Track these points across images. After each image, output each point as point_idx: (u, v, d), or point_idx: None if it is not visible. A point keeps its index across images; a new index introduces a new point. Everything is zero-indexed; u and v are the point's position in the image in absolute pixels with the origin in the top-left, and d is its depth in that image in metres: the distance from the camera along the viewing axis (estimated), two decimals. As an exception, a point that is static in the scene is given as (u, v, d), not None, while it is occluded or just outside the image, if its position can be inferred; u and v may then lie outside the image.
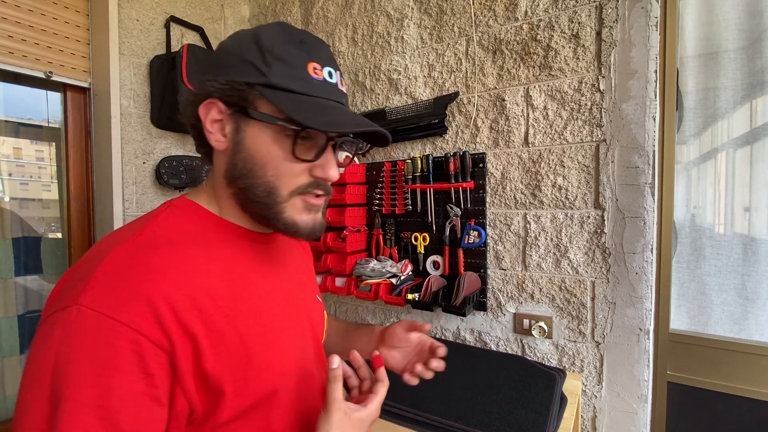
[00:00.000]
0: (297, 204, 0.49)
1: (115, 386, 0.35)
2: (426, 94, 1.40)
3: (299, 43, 0.47)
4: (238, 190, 0.49)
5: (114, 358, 0.36)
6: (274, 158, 0.47)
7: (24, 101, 1.39)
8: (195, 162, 1.59)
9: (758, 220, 1.03)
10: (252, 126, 0.47)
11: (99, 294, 0.37)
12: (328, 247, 1.42)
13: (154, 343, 0.37)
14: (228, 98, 0.46)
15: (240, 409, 0.44)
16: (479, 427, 0.85)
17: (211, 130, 0.48)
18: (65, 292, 0.39)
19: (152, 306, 0.38)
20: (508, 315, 1.26)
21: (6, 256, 1.32)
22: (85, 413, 0.34)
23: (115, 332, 0.36)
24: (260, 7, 1.88)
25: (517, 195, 1.23)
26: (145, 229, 0.45)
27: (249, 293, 0.49)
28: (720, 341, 1.06)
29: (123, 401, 0.35)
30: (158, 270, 0.41)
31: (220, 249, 0.48)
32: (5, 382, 1.32)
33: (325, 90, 0.48)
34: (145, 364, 0.37)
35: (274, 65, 0.45)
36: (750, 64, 1.02)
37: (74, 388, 0.34)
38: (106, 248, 0.42)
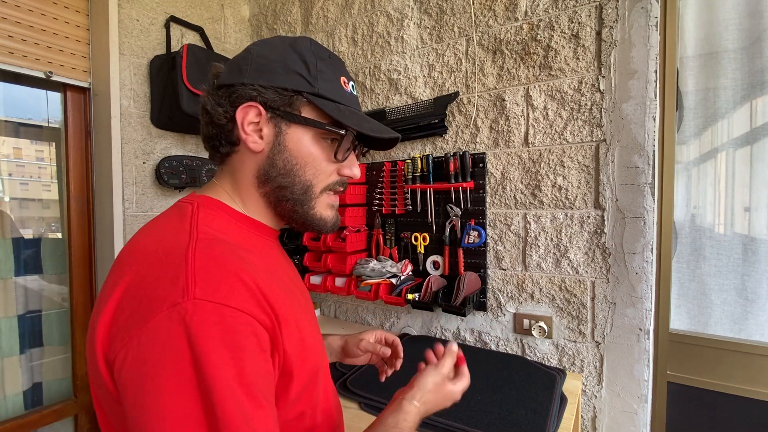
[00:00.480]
0: (324, 200, 0.56)
1: (246, 364, 0.39)
2: (426, 94, 1.40)
3: (328, 58, 0.54)
4: (273, 189, 0.53)
5: (240, 341, 0.39)
6: (315, 158, 0.53)
7: (24, 101, 1.39)
8: (195, 162, 1.59)
9: (758, 220, 1.03)
10: (294, 129, 0.52)
11: (207, 286, 0.39)
12: (328, 247, 1.42)
13: (261, 323, 0.41)
14: (271, 102, 0.50)
15: (301, 387, 0.49)
16: (479, 427, 0.85)
17: (247, 132, 0.51)
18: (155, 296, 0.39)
19: (251, 291, 0.42)
20: (508, 315, 1.26)
21: (6, 256, 1.32)
22: (234, 390, 0.37)
23: (234, 318, 0.39)
24: (260, 7, 1.88)
25: (517, 195, 1.23)
26: (198, 227, 0.47)
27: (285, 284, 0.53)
28: (720, 341, 1.06)
29: (256, 376, 0.39)
30: (239, 261, 0.44)
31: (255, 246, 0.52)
32: (5, 382, 1.32)
33: (352, 100, 0.55)
34: (260, 341, 0.41)
35: (319, 77, 0.51)
36: (750, 64, 1.02)
37: (220, 372, 0.37)
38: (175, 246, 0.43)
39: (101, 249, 1.46)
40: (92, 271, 1.48)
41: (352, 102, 0.55)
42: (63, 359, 1.46)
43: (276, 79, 0.50)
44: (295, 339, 0.47)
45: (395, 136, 0.57)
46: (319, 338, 0.57)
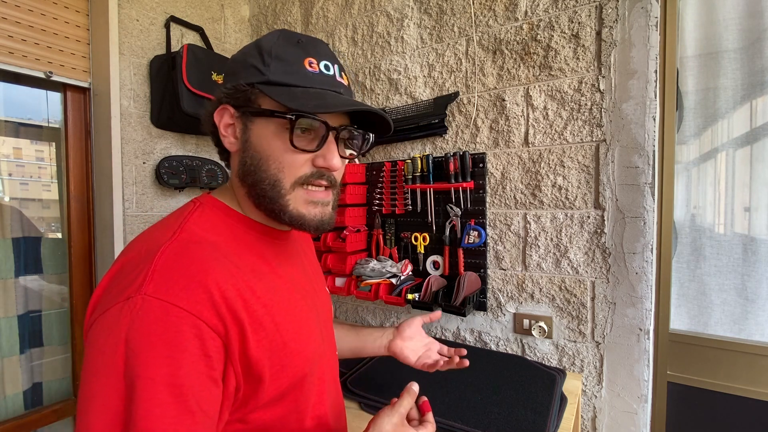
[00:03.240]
0: (301, 196, 0.51)
1: (183, 366, 0.38)
2: (426, 94, 1.40)
3: (296, 42, 0.51)
4: (249, 188, 0.52)
5: (180, 342, 0.39)
6: (275, 150, 0.50)
7: (24, 101, 1.39)
8: (195, 162, 1.59)
9: (758, 220, 1.03)
10: (256, 124, 0.50)
11: (161, 284, 0.40)
12: (328, 247, 1.42)
13: (212, 328, 0.41)
14: (236, 101, 0.50)
15: (277, 392, 0.48)
16: (479, 427, 0.85)
17: (225, 134, 0.52)
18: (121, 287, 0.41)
19: (209, 294, 0.42)
20: (508, 315, 1.26)
21: (6, 256, 1.32)
22: (159, 390, 0.37)
23: (179, 318, 0.39)
24: (260, 7, 1.88)
25: (517, 195, 1.23)
26: (185, 226, 0.48)
27: (276, 286, 0.52)
28: (720, 341, 1.06)
29: (189, 379, 0.38)
30: (208, 262, 0.44)
31: (248, 245, 0.52)
32: (5, 382, 1.32)
33: (321, 81, 0.50)
34: (205, 346, 0.40)
35: (271, 64, 0.49)
36: (750, 64, 1.02)
37: (148, 369, 0.37)
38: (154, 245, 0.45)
39: (101, 249, 1.46)
40: (92, 271, 1.48)
41: (319, 82, 0.50)
42: (63, 359, 1.46)
43: (236, 77, 0.50)
44: (270, 343, 0.46)
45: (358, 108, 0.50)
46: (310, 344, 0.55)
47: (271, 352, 0.47)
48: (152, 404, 0.36)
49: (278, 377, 0.48)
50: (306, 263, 0.66)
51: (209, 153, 1.73)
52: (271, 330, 0.47)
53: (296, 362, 0.50)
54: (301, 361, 0.51)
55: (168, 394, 0.37)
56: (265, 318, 0.46)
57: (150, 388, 0.36)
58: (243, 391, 0.45)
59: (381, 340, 0.82)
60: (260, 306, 0.46)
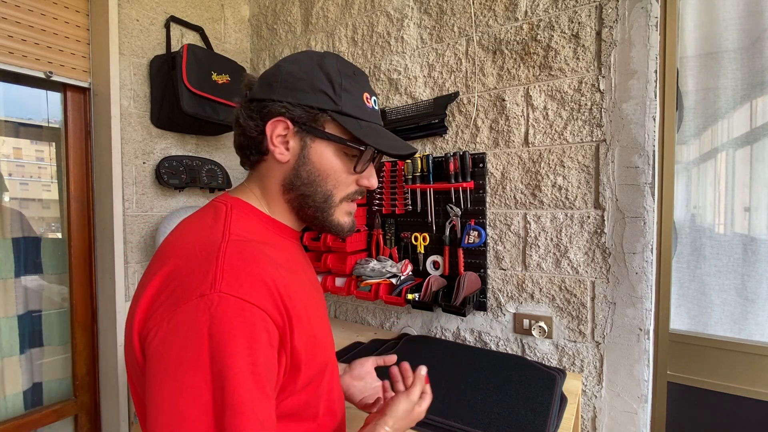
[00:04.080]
0: (343, 208, 0.60)
1: (260, 356, 0.43)
2: (426, 94, 1.40)
3: (352, 74, 0.57)
4: (297, 196, 0.58)
5: (256, 334, 0.43)
6: (336, 171, 0.58)
7: (24, 101, 1.39)
8: (195, 162, 1.59)
9: (758, 220, 1.03)
10: (318, 143, 0.56)
11: (232, 282, 0.44)
12: (328, 247, 1.42)
13: (274, 321, 0.45)
14: (298, 118, 0.55)
15: (308, 379, 0.53)
16: (479, 427, 0.85)
17: (275, 144, 0.56)
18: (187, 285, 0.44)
19: (270, 291, 0.46)
20: (508, 315, 1.26)
21: (6, 256, 1.32)
22: (246, 378, 0.41)
23: (252, 313, 0.43)
24: (260, 7, 1.88)
25: (517, 195, 1.23)
26: (230, 228, 0.52)
27: (304, 282, 0.57)
28: (720, 341, 1.06)
29: (265, 367, 0.43)
30: (263, 260, 0.48)
31: (280, 245, 0.58)
32: (5, 382, 1.32)
33: (374, 116, 0.60)
34: (271, 338, 0.45)
35: (343, 96, 0.55)
36: (750, 64, 1.02)
37: (236, 359, 0.41)
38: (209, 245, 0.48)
39: (101, 249, 1.46)
40: (92, 271, 1.48)
41: (373, 117, 0.59)
42: (63, 359, 1.46)
43: (303, 97, 0.54)
44: (306, 334, 0.51)
45: (412, 151, 0.61)
46: (328, 335, 0.61)
47: (306, 342, 0.51)
48: (243, 389, 0.40)
49: (310, 366, 0.52)
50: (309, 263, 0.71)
51: (209, 153, 1.73)
52: (306, 322, 0.51)
53: (323, 352, 0.56)
54: (326, 351, 0.57)
55: (252, 380, 0.41)
56: (302, 311, 0.50)
57: (239, 375, 0.40)
58: (285, 378, 0.49)
59: None
60: (298, 300, 0.50)
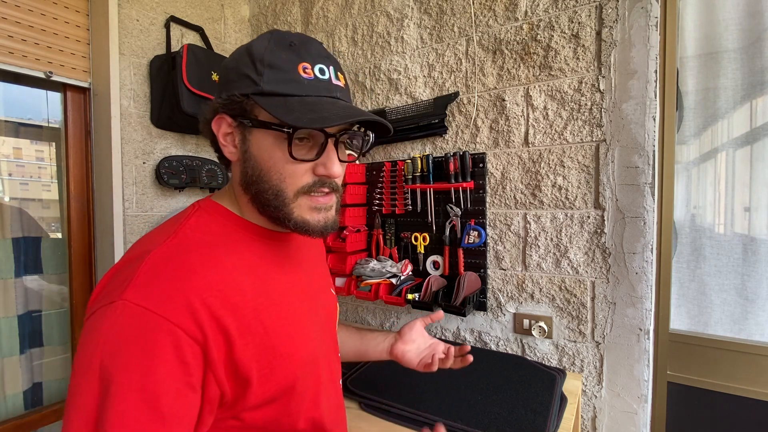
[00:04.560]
0: (304, 204, 0.52)
1: (156, 373, 0.39)
2: (426, 94, 1.40)
3: (289, 46, 0.49)
4: (253, 195, 0.52)
5: (155, 348, 0.39)
6: (276, 162, 0.50)
7: (24, 101, 1.39)
8: (195, 162, 1.59)
9: (758, 220, 1.03)
10: (255, 134, 0.50)
11: (142, 290, 0.41)
12: (328, 247, 1.42)
13: (189, 336, 0.41)
14: (232, 111, 0.50)
15: (267, 395, 0.49)
16: (479, 427, 0.85)
17: (224, 143, 0.52)
18: (110, 289, 0.43)
19: (188, 302, 0.42)
20: (508, 315, 1.26)
21: (6, 256, 1.32)
22: (130, 396, 0.38)
23: (156, 324, 0.40)
24: (260, 7, 1.88)
25: (517, 195, 1.23)
26: (179, 231, 0.49)
27: (271, 289, 0.52)
28: (720, 341, 1.06)
29: (162, 386, 0.39)
30: (193, 269, 0.45)
31: (244, 248, 0.52)
32: (5, 382, 1.32)
33: (316, 88, 0.49)
34: (181, 353, 0.40)
35: (264, 73, 0.47)
36: (750, 64, 1.02)
37: (121, 374, 0.38)
38: (145, 250, 0.46)
39: (101, 249, 1.46)
40: (92, 271, 1.48)
41: (314, 89, 0.49)
42: (63, 359, 1.46)
43: (231, 87, 0.49)
44: (257, 347, 0.47)
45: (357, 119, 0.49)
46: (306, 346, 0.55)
47: (259, 355, 0.47)
48: (123, 408, 0.37)
49: (267, 380, 0.48)
50: (310, 265, 0.66)
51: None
52: (259, 333, 0.47)
53: (286, 365, 0.50)
54: (292, 365, 0.51)
55: (139, 399, 0.38)
56: (253, 322, 0.47)
57: (122, 393, 0.37)
58: (230, 395, 0.45)
59: (383, 345, 0.82)
60: (249, 310, 0.47)
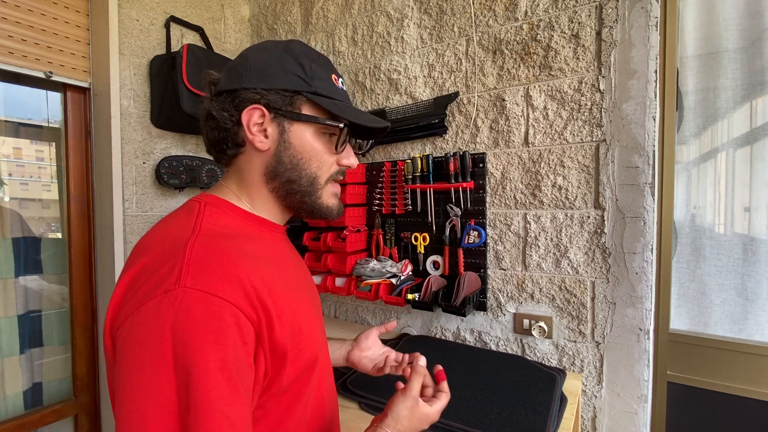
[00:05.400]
0: (329, 190, 0.60)
1: (229, 351, 0.41)
2: (426, 94, 1.40)
3: (318, 59, 0.58)
4: (282, 183, 0.57)
5: (224, 329, 0.41)
6: (318, 152, 0.57)
7: (24, 101, 1.39)
8: (195, 162, 1.59)
9: (758, 220, 1.03)
10: (296, 126, 0.56)
11: (198, 276, 0.42)
12: (328, 247, 1.42)
13: (246, 317, 0.44)
14: (273, 103, 0.54)
15: (295, 374, 0.52)
16: (479, 427, 0.85)
17: (254, 132, 0.55)
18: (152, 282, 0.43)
19: (242, 284, 0.44)
20: (508, 315, 1.26)
21: (6, 256, 1.32)
22: (214, 374, 0.39)
23: (220, 307, 0.42)
24: (260, 7, 1.88)
25: (517, 195, 1.23)
26: (202, 223, 0.51)
27: (288, 275, 0.56)
28: (720, 341, 1.06)
29: (236, 363, 0.41)
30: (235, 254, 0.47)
31: (260, 240, 0.56)
32: (5, 382, 1.32)
33: (343, 95, 0.60)
34: (243, 333, 0.43)
35: (314, 77, 0.55)
36: (750, 64, 1.02)
37: (200, 355, 0.39)
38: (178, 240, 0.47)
39: (101, 249, 1.46)
40: (92, 271, 1.48)
41: (344, 97, 0.60)
42: (63, 359, 1.46)
43: (276, 82, 0.54)
44: (290, 328, 0.50)
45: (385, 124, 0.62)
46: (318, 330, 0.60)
47: (291, 336, 0.50)
48: (210, 386, 0.39)
49: (296, 360, 0.51)
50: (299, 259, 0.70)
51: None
52: (290, 316, 0.50)
53: (310, 346, 0.54)
54: (314, 345, 0.56)
55: (222, 377, 0.40)
56: (285, 305, 0.50)
57: (205, 373, 0.39)
58: (269, 375, 0.48)
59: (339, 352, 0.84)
60: (281, 294, 0.50)
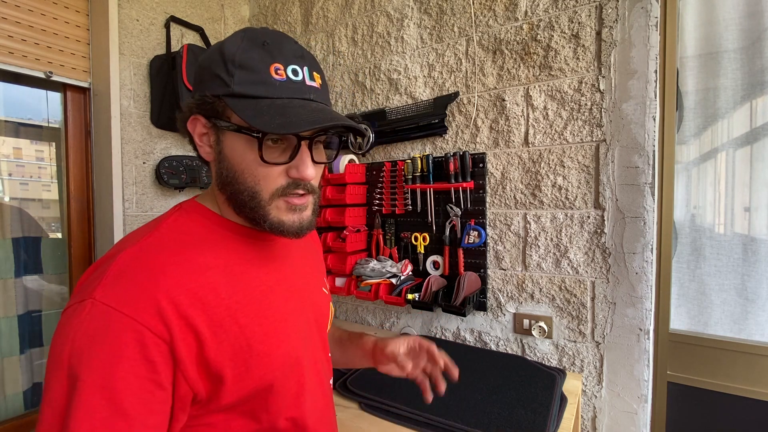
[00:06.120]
0: (280, 205, 0.51)
1: (119, 370, 0.39)
2: (426, 94, 1.40)
3: (262, 45, 0.47)
4: (229, 195, 0.52)
5: (119, 346, 0.40)
6: (250, 164, 0.49)
7: (24, 101, 1.39)
8: (195, 162, 1.59)
9: (758, 220, 1.03)
10: (228, 136, 0.49)
11: (110, 290, 0.42)
12: (328, 247, 1.42)
13: (155, 334, 0.41)
14: (205, 112, 0.49)
15: (242, 394, 0.48)
16: (479, 427, 0.85)
17: (200, 143, 0.52)
18: (83, 287, 0.44)
19: (155, 301, 0.42)
20: (508, 315, 1.26)
21: (6, 256, 1.32)
22: (93, 392, 0.38)
23: (121, 323, 0.40)
24: (260, 7, 1.88)
25: (517, 195, 1.23)
26: (155, 231, 0.49)
27: (250, 287, 0.52)
28: (720, 341, 1.06)
29: (125, 384, 0.39)
30: (162, 269, 0.45)
31: (222, 247, 0.52)
32: (5, 382, 1.32)
33: (288, 89, 0.47)
34: (147, 352, 0.41)
35: (236, 74, 0.46)
36: (750, 64, 1.02)
37: (85, 371, 0.39)
38: (120, 249, 0.47)
39: (101, 249, 1.46)
40: (92, 271, 1.48)
41: (286, 90, 0.47)
42: (63, 359, 1.46)
43: (204, 88, 0.49)
44: (231, 345, 0.46)
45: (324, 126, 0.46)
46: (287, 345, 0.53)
47: (233, 353, 0.47)
48: (84, 405, 0.38)
49: (242, 379, 0.47)
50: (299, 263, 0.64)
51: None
52: (234, 332, 0.47)
53: (264, 364, 0.49)
54: (271, 364, 0.50)
55: (100, 397, 0.38)
56: (226, 320, 0.47)
57: (86, 389, 0.38)
58: (203, 393, 0.45)
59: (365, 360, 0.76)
60: (223, 308, 0.47)
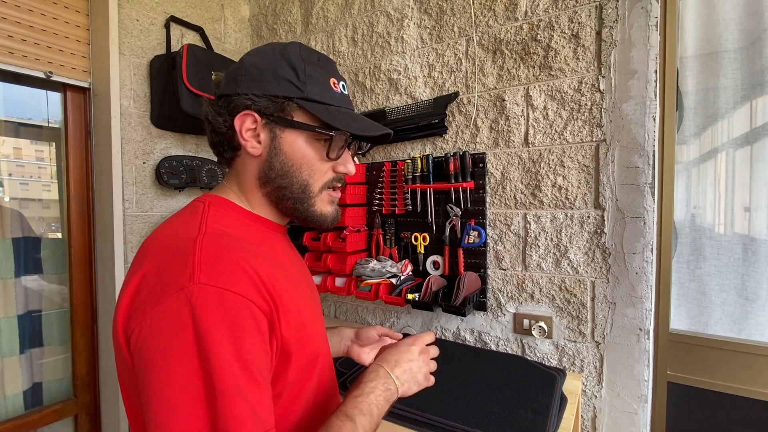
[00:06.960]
0: (324, 197, 0.60)
1: (246, 343, 0.43)
2: (426, 94, 1.40)
3: (318, 61, 0.57)
4: (274, 189, 0.57)
5: (239, 322, 0.43)
6: (309, 159, 0.57)
7: (24, 101, 1.39)
8: (195, 162, 1.59)
9: (758, 220, 1.03)
10: (288, 133, 0.56)
11: (210, 273, 0.44)
12: (328, 247, 1.42)
13: (260, 308, 0.46)
14: (265, 110, 0.54)
15: (299, 370, 0.53)
16: (479, 427, 0.85)
17: (246, 138, 0.56)
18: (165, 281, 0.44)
19: (251, 278, 0.46)
20: (508, 315, 1.26)
21: (6, 256, 1.32)
22: (231, 365, 0.41)
23: (234, 301, 0.44)
24: (260, 7, 1.88)
25: (517, 195, 1.23)
26: (207, 221, 0.52)
27: (290, 273, 0.57)
28: (720, 341, 1.06)
29: (252, 354, 0.43)
30: (242, 250, 0.49)
31: (263, 238, 0.57)
32: (5, 382, 1.32)
33: (343, 100, 0.58)
34: (258, 324, 0.45)
35: (307, 82, 0.54)
36: (750, 64, 1.02)
37: (219, 348, 0.41)
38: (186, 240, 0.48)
39: (101, 249, 1.46)
40: (92, 271, 1.48)
41: (342, 102, 0.58)
42: (63, 359, 1.46)
43: (268, 87, 0.54)
44: (295, 324, 0.51)
45: (385, 132, 0.59)
46: (320, 326, 0.61)
47: (296, 331, 0.51)
48: (227, 377, 0.41)
49: (301, 354, 0.52)
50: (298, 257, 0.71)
51: (209, 153, 1.73)
52: (294, 312, 0.51)
53: (313, 341, 0.55)
54: (315, 341, 0.57)
55: (238, 368, 0.42)
56: (289, 301, 0.51)
57: (225, 364, 0.41)
58: (277, 368, 0.49)
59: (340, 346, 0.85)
60: (284, 290, 0.51)
